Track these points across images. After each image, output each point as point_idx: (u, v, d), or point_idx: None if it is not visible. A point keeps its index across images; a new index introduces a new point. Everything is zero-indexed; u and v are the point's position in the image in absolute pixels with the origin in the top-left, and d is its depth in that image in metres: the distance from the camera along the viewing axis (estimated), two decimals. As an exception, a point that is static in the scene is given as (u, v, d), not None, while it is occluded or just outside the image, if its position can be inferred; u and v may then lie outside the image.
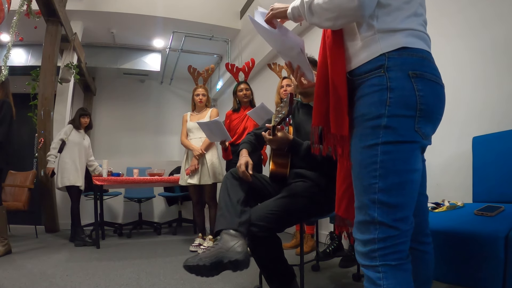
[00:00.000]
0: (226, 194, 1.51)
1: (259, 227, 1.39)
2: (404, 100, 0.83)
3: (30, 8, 3.64)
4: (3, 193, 3.33)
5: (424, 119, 0.85)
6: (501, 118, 1.69)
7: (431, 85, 0.85)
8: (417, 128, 0.84)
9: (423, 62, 0.86)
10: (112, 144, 6.49)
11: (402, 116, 0.83)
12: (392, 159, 0.83)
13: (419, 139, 0.85)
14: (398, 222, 0.83)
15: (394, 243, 0.82)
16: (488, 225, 1.11)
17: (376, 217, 0.83)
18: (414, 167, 0.86)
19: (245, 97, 2.99)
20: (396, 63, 0.84)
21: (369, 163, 0.85)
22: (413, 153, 0.85)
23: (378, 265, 0.82)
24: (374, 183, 0.84)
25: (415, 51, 0.86)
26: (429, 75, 0.85)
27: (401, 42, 0.85)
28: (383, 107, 0.84)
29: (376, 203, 0.84)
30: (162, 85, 7.11)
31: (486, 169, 1.60)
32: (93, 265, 2.38)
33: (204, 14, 5.12)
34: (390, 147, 0.83)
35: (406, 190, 0.84)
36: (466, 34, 1.91)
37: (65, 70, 4.23)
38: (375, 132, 0.84)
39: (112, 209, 4.54)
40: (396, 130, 0.83)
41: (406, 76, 0.83)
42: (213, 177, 2.91)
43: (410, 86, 0.83)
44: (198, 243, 2.93)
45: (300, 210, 1.51)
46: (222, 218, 1.42)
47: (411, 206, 0.86)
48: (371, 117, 0.85)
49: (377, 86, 0.85)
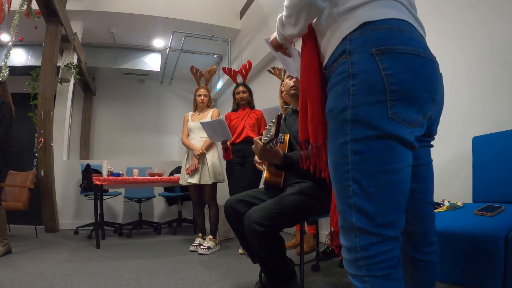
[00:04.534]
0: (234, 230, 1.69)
1: (264, 226, 1.39)
2: (369, 85, 0.71)
3: (30, 8, 3.64)
4: (3, 193, 3.34)
5: (400, 102, 0.70)
6: (501, 118, 1.69)
7: (403, 59, 0.71)
8: (393, 115, 0.70)
9: (390, 34, 0.72)
10: (112, 144, 6.50)
11: (369, 104, 0.71)
12: (365, 160, 0.72)
13: (398, 128, 0.71)
14: (381, 228, 0.72)
15: (378, 251, 0.72)
16: (488, 225, 1.11)
17: (354, 223, 0.73)
18: (395, 166, 0.72)
19: (242, 100, 2.99)
20: (358, 44, 0.73)
21: (341, 164, 0.75)
22: (390, 150, 0.71)
23: (364, 275, 0.72)
24: (348, 186, 0.74)
25: (379, 23, 0.73)
26: (400, 47, 0.71)
27: (362, 18, 0.74)
28: (347, 98, 0.72)
29: (353, 207, 0.73)
30: (162, 85, 7.12)
31: (486, 169, 1.60)
32: (93, 265, 2.38)
33: (204, 14, 5.12)
34: (360, 145, 0.72)
35: (386, 193, 0.72)
36: (465, 34, 1.91)
37: (65, 70, 4.23)
38: (343, 128, 0.74)
39: (112, 209, 4.54)
40: (365, 123, 0.71)
41: (369, 56, 0.71)
42: (213, 177, 2.91)
43: (375, 67, 0.70)
44: (198, 243, 2.93)
45: (303, 208, 1.52)
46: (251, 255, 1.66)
47: (397, 210, 0.75)
48: (338, 111, 0.75)
49: (341, 75, 0.75)
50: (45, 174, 3.82)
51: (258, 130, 2.95)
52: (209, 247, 2.81)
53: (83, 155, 6.16)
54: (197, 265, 2.39)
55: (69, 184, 4.35)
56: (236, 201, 1.66)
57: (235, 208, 1.64)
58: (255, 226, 1.39)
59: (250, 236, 1.44)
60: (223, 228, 3.49)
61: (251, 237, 1.43)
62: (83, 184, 3.80)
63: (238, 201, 1.66)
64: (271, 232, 1.41)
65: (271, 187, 1.73)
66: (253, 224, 1.40)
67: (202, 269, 2.27)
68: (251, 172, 2.83)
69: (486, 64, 1.80)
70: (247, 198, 1.68)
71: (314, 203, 1.55)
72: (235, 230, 1.70)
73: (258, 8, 4.66)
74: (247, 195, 1.71)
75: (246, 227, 1.44)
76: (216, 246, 2.91)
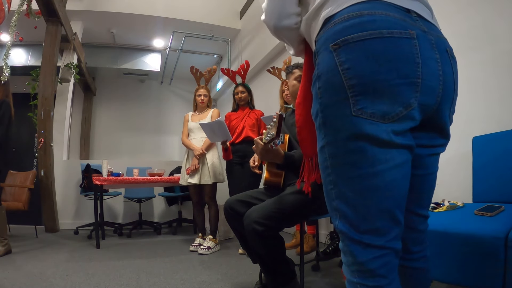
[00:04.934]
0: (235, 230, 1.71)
1: (264, 225, 1.39)
2: (329, 84, 0.66)
3: (30, 8, 3.64)
4: (3, 193, 3.34)
5: (364, 96, 0.63)
6: (501, 118, 1.69)
7: (360, 47, 0.63)
8: (357, 111, 0.63)
9: (347, 23, 0.65)
10: (112, 144, 6.50)
11: (333, 105, 0.66)
12: (339, 164, 0.68)
13: (367, 126, 0.63)
14: (364, 235, 0.66)
15: (366, 259, 0.66)
16: (488, 225, 1.11)
17: (337, 226, 0.70)
18: (370, 170, 0.65)
19: (241, 100, 2.99)
20: (320, 43, 0.69)
21: (324, 168, 0.72)
22: (362, 153, 0.64)
23: (356, 283, 0.67)
24: (331, 189, 0.71)
25: (338, 15, 0.67)
26: (356, 35, 0.63)
27: (324, 14, 0.70)
28: (317, 102, 0.70)
29: (335, 210, 0.70)
30: (162, 85, 7.12)
31: (486, 169, 1.60)
32: (93, 265, 2.38)
33: (204, 14, 5.12)
34: (333, 149, 0.68)
35: (366, 199, 0.66)
36: (466, 34, 1.91)
37: (65, 70, 4.23)
38: (319, 132, 0.71)
39: (112, 209, 4.54)
40: (332, 125, 0.67)
41: (328, 54, 0.66)
42: (214, 177, 2.91)
43: (333, 63, 0.65)
44: (198, 243, 2.93)
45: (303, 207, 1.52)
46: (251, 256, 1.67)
47: (383, 216, 0.67)
48: (314, 117, 0.72)
49: (313, 78, 0.71)
50: (45, 174, 3.82)
51: (258, 130, 2.95)
52: (209, 247, 2.81)
53: (83, 155, 6.16)
54: (197, 265, 2.39)
55: (69, 184, 4.34)
56: (236, 202, 1.67)
57: (234, 208, 1.64)
58: (254, 226, 1.39)
59: (249, 236, 1.44)
60: (223, 228, 3.50)
61: (251, 236, 1.43)
62: (83, 184, 3.80)
63: (238, 202, 1.66)
64: (270, 231, 1.41)
65: (271, 187, 1.73)
66: (252, 223, 1.40)
67: (202, 269, 2.27)
68: (251, 172, 2.81)
69: (487, 65, 1.80)
70: (246, 198, 1.68)
71: (314, 202, 1.55)
72: (235, 230, 1.70)
73: (258, 8, 4.66)
74: (246, 195, 1.71)
75: (246, 226, 1.44)
76: (216, 246, 2.91)
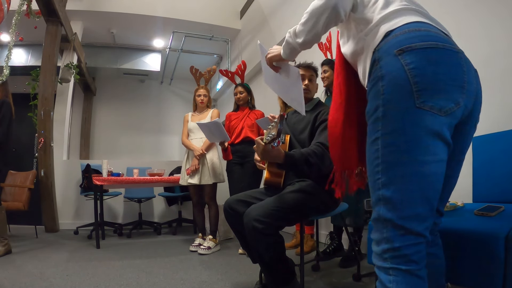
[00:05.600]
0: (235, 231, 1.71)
1: (264, 223, 1.39)
2: (395, 81, 0.78)
3: (30, 8, 3.64)
4: (3, 193, 3.34)
5: (426, 92, 0.75)
6: (501, 118, 1.69)
7: (424, 53, 0.77)
8: (420, 104, 0.75)
9: (409, 35, 0.80)
10: (112, 144, 6.50)
11: (397, 99, 0.77)
12: (393, 151, 0.78)
13: (428, 117, 0.75)
14: (406, 220, 0.76)
15: (403, 244, 0.75)
16: (488, 225, 1.11)
17: (381, 215, 0.79)
18: (421, 158, 0.76)
19: (240, 100, 2.99)
20: (383, 51, 0.82)
21: (373, 159, 0.81)
22: (418, 142, 0.76)
23: (389, 268, 0.76)
24: (378, 179, 0.80)
25: (400, 29, 0.82)
26: (419, 44, 0.78)
27: (384, 29, 0.84)
28: (379, 98, 0.80)
29: (381, 199, 0.79)
30: (162, 85, 7.12)
31: (486, 169, 1.60)
32: (93, 265, 2.38)
33: (204, 14, 5.12)
34: (389, 138, 0.78)
35: (412, 184, 0.76)
36: (467, 34, 1.91)
37: (65, 70, 4.23)
38: (375, 126, 0.81)
39: (112, 209, 4.54)
40: (393, 116, 0.78)
41: (393, 57, 0.79)
42: (214, 177, 2.91)
43: (398, 64, 0.78)
44: (198, 243, 2.93)
45: (303, 206, 1.52)
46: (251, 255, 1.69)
47: (424, 203, 0.77)
48: (371, 113, 0.83)
49: (374, 80, 0.83)
50: (45, 174, 3.82)
51: (257, 130, 2.95)
52: (209, 247, 2.81)
53: (83, 155, 6.16)
54: (197, 265, 2.39)
55: (69, 184, 4.34)
56: (236, 201, 1.67)
57: (234, 208, 1.64)
58: (254, 223, 1.39)
59: (249, 234, 1.44)
60: (223, 228, 3.50)
61: (251, 234, 1.43)
62: (83, 184, 3.80)
63: (238, 201, 1.66)
64: (270, 229, 1.41)
65: (271, 187, 1.73)
66: (252, 221, 1.39)
67: (202, 269, 2.27)
68: (251, 172, 2.83)
69: (486, 65, 1.80)
70: (246, 198, 1.68)
71: (314, 201, 1.55)
72: (235, 230, 1.70)
73: (258, 8, 4.66)
74: (246, 195, 1.71)
75: (246, 224, 1.43)
76: (216, 246, 2.91)
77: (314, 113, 1.70)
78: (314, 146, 1.53)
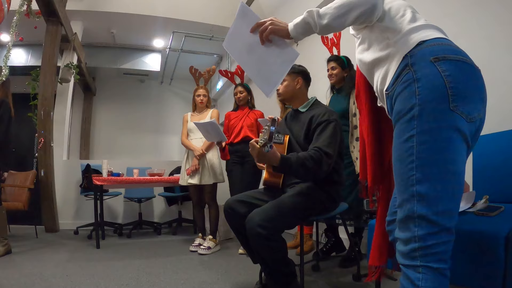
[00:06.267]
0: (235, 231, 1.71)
1: (267, 228, 1.40)
2: (432, 84, 0.83)
3: (30, 8, 3.64)
4: (3, 193, 3.34)
5: (459, 97, 0.82)
6: (501, 118, 1.69)
7: (457, 64, 0.85)
8: (453, 107, 0.82)
9: (441, 47, 0.88)
10: (112, 144, 6.49)
11: (433, 99, 0.83)
12: (428, 149, 0.82)
13: (458, 120, 0.82)
14: (439, 216, 0.80)
15: (435, 242, 0.79)
16: (488, 225, 1.11)
17: (415, 211, 0.81)
18: (453, 157, 0.82)
19: (240, 100, 2.99)
20: (418, 57, 0.88)
21: (407, 156, 0.85)
22: (451, 142, 0.82)
23: (419, 266, 0.79)
24: (412, 175, 0.83)
25: (432, 41, 0.89)
26: (452, 56, 0.86)
27: (417, 38, 0.90)
28: (414, 98, 0.85)
29: (415, 195, 0.82)
30: (162, 85, 7.12)
31: (486, 169, 1.60)
32: (93, 265, 2.38)
33: (204, 14, 5.12)
34: (425, 136, 0.83)
35: (446, 180, 0.81)
36: (468, 33, 1.91)
37: (65, 70, 4.23)
38: (410, 124, 0.85)
39: (112, 209, 4.54)
40: (429, 116, 0.82)
41: (429, 63, 0.85)
42: (214, 177, 2.91)
43: (435, 70, 0.84)
44: (198, 243, 2.93)
45: (304, 209, 1.52)
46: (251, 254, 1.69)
47: (454, 201, 0.83)
48: (405, 112, 0.86)
49: (406, 82, 0.88)
50: (45, 174, 3.82)
51: (256, 130, 2.95)
52: (209, 247, 2.81)
53: (83, 155, 6.16)
54: (197, 265, 2.39)
55: (69, 184, 4.34)
56: (236, 202, 1.67)
57: (234, 208, 1.64)
58: (258, 229, 1.39)
59: (253, 239, 1.44)
60: (223, 228, 3.49)
61: (254, 240, 1.43)
62: (83, 184, 3.80)
63: (238, 202, 1.66)
64: (274, 234, 1.42)
65: (271, 188, 1.74)
66: (256, 227, 1.40)
67: (202, 269, 2.27)
68: (250, 172, 2.83)
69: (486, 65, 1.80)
70: (246, 198, 1.68)
71: (314, 203, 1.55)
72: (235, 230, 1.70)
73: (258, 8, 4.66)
74: (246, 195, 1.71)
75: (249, 230, 1.44)
76: (216, 246, 2.91)
77: (310, 113, 1.69)
78: (312, 150, 1.52)
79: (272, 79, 1.11)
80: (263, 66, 1.12)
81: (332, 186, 1.62)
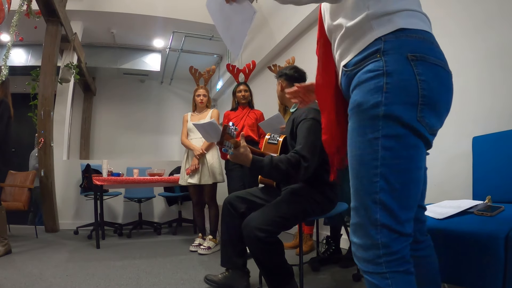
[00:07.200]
0: (225, 229, 1.76)
1: (266, 231, 1.41)
2: (403, 85, 0.75)
3: (30, 8, 3.64)
4: (3, 193, 3.34)
5: (427, 108, 0.75)
6: (501, 118, 1.69)
7: (434, 69, 0.77)
8: (420, 118, 0.75)
9: (422, 43, 0.78)
10: (112, 144, 6.50)
11: (402, 103, 0.75)
12: (395, 157, 0.75)
13: (423, 130, 0.76)
14: (402, 225, 0.76)
15: (399, 247, 0.75)
16: (488, 225, 1.11)
17: (378, 219, 0.75)
18: (419, 165, 0.78)
19: (243, 99, 3.00)
20: (393, 46, 0.77)
21: (370, 159, 0.77)
22: (418, 149, 0.77)
23: (386, 272, 0.75)
24: (376, 181, 0.76)
25: (414, 32, 0.78)
26: (431, 58, 0.77)
27: (398, 23, 0.78)
28: (380, 94, 0.76)
29: (378, 203, 0.76)
30: (162, 85, 7.12)
31: (486, 169, 1.60)
32: (93, 265, 2.38)
33: (204, 14, 5.07)
34: (392, 142, 0.75)
35: (409, 190, 0.77)
36: (469, 33, 1.91)
37: (65, 70, 4.23)
38: (373, 123, 0.77)
39: (112, 209, 4.54)
40: (396, 120, 0.75)
41: (404, 59, 0.76)
42: (213, 177, 2.91)
43: (409, 70, 0.75)
44: (198, 243, 2.93)
45: (301, 210, 1.53)
46: (226, 256, 1.77)
47: (414, 207, 0.80)
48: (368, 107, 0.77)
49: (373, 72, 0.78)
50: (45, 174, 3.82)
51: (257, 129, 2.95)
52: (209, 247, 2.81)
53: (83, 155, 6.16)
54: (197, 265, 2.39)
55: (69, 184, 4.34)
56: (235, 198, 1.72)
57: (233, 204, 1.69)
58: (256, 232, 1.40)
59: (251, 243, 1.45)
60: (223, 228, 3.49)
61: (253, 244, 1.44)
62: (83, 184, 3.80)
63: (237, 198, 1.72)
64: (272, 237, 1.43)
65: (267, 186, 1.78)
66: (254, 230, 1.41)
67: (202, 269, 2.27)
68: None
69: (486, 65, 1.80)
70: (245, 195, 1.72)
71: (310, 204, 1.56)
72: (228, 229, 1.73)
73: (258, 8, 4.66)
74: (246, 192, 1.76)
75: (247, 234, 1.45)
76: (216, 246, 2.90)
77: (295, 114, 1.70)
78: (291, 153, 1.51)
79: (236, 39, 1.07)
80: (229, 26, 1.09)
81: (325, 186, 1.60)
